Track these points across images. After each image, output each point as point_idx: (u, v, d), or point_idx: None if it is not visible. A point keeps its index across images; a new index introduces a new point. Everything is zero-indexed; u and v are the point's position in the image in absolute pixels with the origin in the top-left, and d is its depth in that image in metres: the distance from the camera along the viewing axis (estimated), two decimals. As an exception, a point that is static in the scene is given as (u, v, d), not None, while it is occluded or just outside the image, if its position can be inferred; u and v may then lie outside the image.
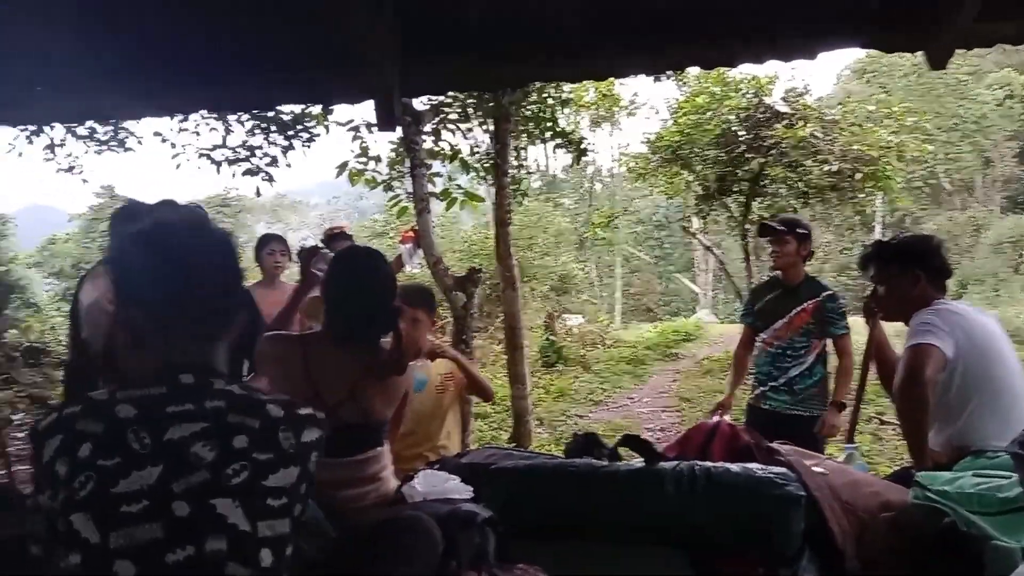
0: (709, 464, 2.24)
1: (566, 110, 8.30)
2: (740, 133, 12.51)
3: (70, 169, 8.90)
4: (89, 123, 8.21)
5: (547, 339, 13.76)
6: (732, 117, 12.60)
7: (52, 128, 8.32)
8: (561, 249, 18.75)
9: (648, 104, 31.75)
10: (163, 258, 1.35)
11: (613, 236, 24.05)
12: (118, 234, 3.01)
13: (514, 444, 6.12)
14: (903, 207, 21.15)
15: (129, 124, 8.64)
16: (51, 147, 8.44)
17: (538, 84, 6.51)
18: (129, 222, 2.95)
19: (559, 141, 7.52)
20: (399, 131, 7.02)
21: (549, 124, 7.27)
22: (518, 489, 2.25)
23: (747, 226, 13.69)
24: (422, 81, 2.90)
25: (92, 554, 1.19)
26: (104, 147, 8.69)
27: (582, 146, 7.48)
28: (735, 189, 13.44)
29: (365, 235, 19.12)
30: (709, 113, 12.89)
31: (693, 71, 13.53)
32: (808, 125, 12.05)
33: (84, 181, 9.13)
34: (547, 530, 2.21)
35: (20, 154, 8.66)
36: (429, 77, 2.91)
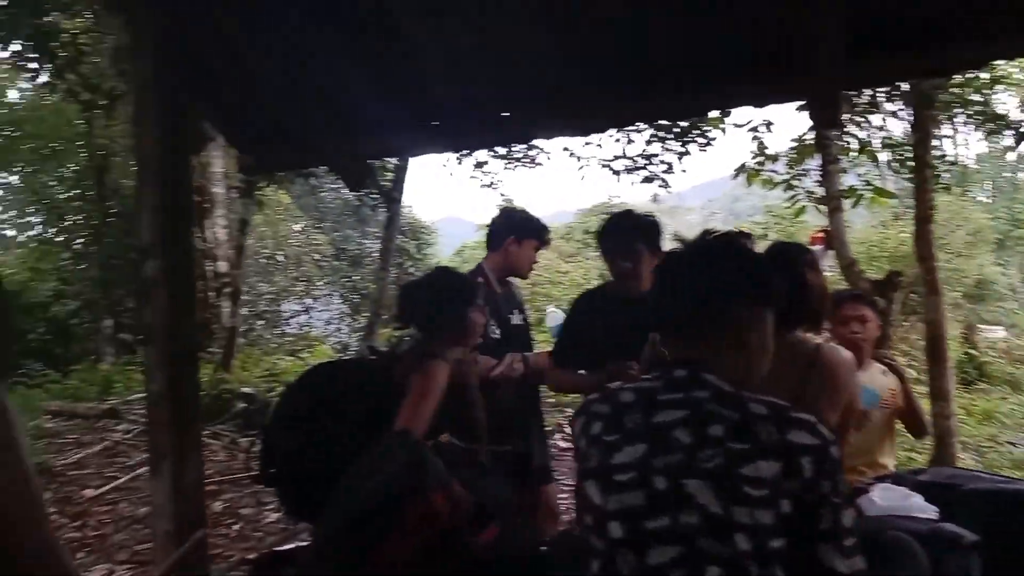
0: None
1: (996, 89, 7.23)
2: None
3: (490, 185, 10.11)
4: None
5: (964, 353, 12.16)
6: None
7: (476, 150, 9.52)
8: (977, 249, 16.42)
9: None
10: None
11: (1050, 233, 20.42)
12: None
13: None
14: None
15: (541, 142, 9.55)
16: (479, 166, 9.65)
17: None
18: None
19: (990, 126, 6.60)
20: (806, 128, 6.78)
21: (980, 108, 6.42)
22: (998, 514, 2.02)
23: None
24: (866, 72, 2.74)
25: (597, 516, 1.39)
26: (518, 164, 9.71)
27: (1022, 130, 6.47)
28: None
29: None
30: None
31: None
32: None
33: (502, 196, 10.30)
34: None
35: (451, 173, 10.05)
36: (872, 70, 2.74)
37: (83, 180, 13.84)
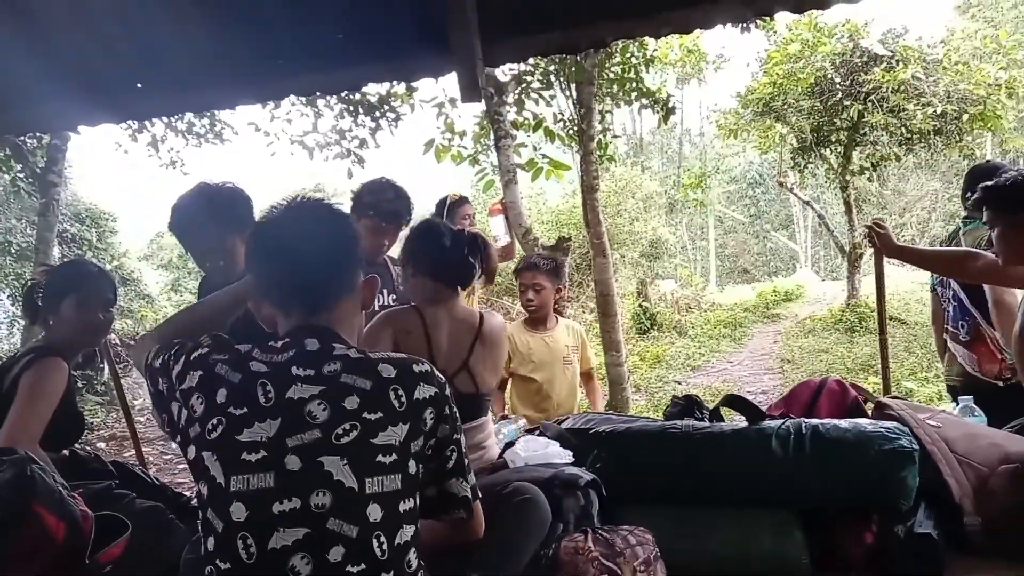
0: (816, 421, 2.17)
1: (651, 69, 8.10)
2: (836, 80, 12.01)
3: (172, 164, 9.34)
4: (188, 118, 8.58)
5: (640, 306, 13.64)
6: (827, 64, 12.11)
7: (153, 125, 8.74)
8: (651, 214, 18.38)
9: (735, 58, 30.75)
10: (274, 250, 1.52)
11: (705, 197, 23.46)
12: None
13: (611, 410, 6.10)
14: (1016, 147, 19.79)
15: (225, 116, 8.99)
16: (154, 143, 8.85)
17: (621, 44, 6.39)
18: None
19: (645, 101, 7.36)
20: (483, 104, 7.04)
21: (634, 84, 7.13)
22: (619, 452, 2.23)
23: (847, 177, 13.14)
24: (503, 49, 2.88)
25: (215, 491, 1.31)
26: (202, 140, 9.07)
27: (669, 104, 7.29)
28: (833, 139, 12.92)
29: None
30: (802, 62, 12.41)
31: (783, 19, 13.02)
32: (909, 67, 11.42)
33: (185, 174, 9.54)
34: (649, 493, 2.19)
35: (126, 151, 9.11)
36: (510, 44, 2.88)
37: None
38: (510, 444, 2.37)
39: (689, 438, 2.20)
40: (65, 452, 2.39)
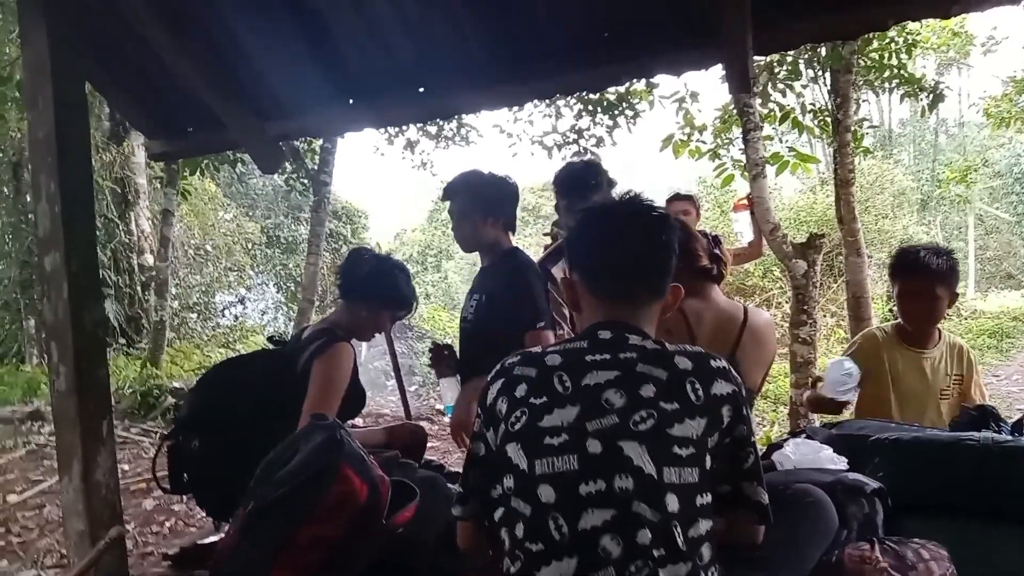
0: None
1: (913, 54, 7.44)
2: None
3: (423, 165, 10.01)
4: (438, 121, 9.16)
5: (890, 311, 12.56)
6: None
7: (407, 129, 9.41)
8: (902, 211, 16.91)
9: (1008, 39, 27.47)
10: (602, 235, 1.55)
11: (969, 193, 21.09)
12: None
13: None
14: None
15: (470, 120, 9.48)
16: (409, 146, 9.53)
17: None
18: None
19: (907, 89, 6.78)
20: (728, 96, 6.85)
21: (895, 71, 6.59)
22: (903, 462, 2.08)
23: None
24: (773, 38, 2.77)
25: (520, 478, 1.37)
26: (450, 143, 9.64)
27: (938, 91, 6.66)
28: None
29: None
30: (1095, 38, 10.79)
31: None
32: None
33: (433, 175, 10.19)
34: (935, 506, 2.02)
35: (382, 154, 9.88)
36: (780, 32, 2.77)
37: (-2, 176, 13.22)
38: (796, 433, 2.28)
39: (988, 451, 2.00)
40: (351, 423, 2.64)
